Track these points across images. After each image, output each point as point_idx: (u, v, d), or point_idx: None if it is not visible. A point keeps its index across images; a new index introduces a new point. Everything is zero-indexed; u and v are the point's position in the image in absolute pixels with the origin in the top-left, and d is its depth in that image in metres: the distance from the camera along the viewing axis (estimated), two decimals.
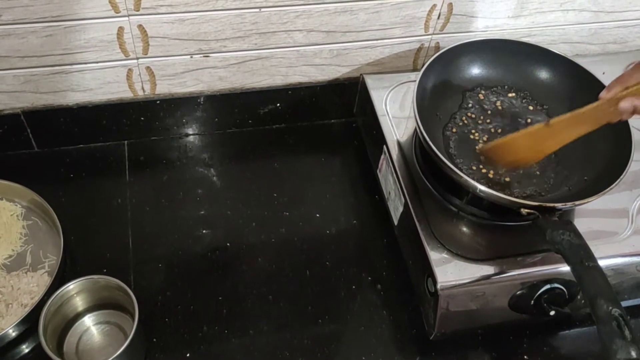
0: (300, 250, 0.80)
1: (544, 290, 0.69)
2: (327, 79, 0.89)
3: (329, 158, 0.90)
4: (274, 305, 0.75)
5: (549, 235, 0.63)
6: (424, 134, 0.69)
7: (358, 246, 0.81)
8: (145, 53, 0.78)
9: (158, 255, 0.77)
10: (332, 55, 0.85)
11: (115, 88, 0.81)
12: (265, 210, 0.83)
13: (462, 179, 0.67)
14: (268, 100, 0.89)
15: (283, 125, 0.93)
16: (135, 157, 0.87)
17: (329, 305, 0.75)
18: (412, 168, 0.76)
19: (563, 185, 0.73)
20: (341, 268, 0.78)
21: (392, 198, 0.79)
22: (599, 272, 0.58)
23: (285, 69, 0.85)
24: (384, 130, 0.81)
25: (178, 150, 0.88)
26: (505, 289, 0.69)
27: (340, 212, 0.84)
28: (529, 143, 0.68)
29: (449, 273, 0.67)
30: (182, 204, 0.83)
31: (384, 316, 0.75)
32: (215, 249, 0.79)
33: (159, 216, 0.81)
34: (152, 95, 0.84)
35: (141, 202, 0.82)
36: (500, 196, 0.66)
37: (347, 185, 0.87)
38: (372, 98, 0.84)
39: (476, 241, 0.71)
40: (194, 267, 0.77)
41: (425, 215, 0.72)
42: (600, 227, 0.73)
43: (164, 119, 0.87)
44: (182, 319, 0.73)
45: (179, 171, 0.86)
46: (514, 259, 0.69)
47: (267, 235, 0.80)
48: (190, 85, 0.84)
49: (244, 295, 0.75)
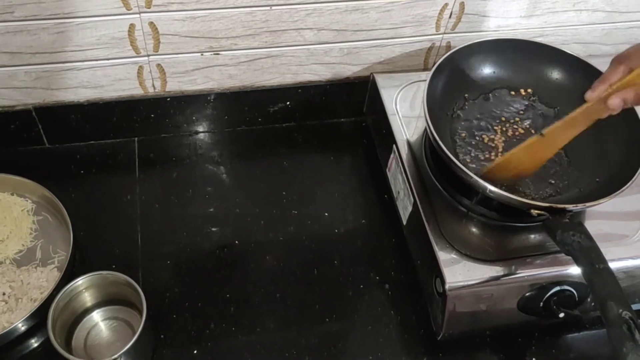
0: (308, 248, 0.80)
1: (554, 292, 0.68)
2: (337, 78, 0.89)
3: (339, 157, 0.90)
4: (282, 303, 0.75)
5: (559, 236, 0.62)
6: (434, 134, 0.69)
7: (366, 245, 0.81)
8: (156, 50, 0.78)
9: (166, 252, 0.78)
10: (342, 54, 0.85)
11: (125, 85, 0.82)
12: (274, 209, 0.83)
13: (472, 180, 0.66)
14: (278, 99, 0.89)
15: (293, 124, 0.93)
16: (145, 154, 0.87)
17: (336, 304, 0.75)
18: (421, 168, 0.76)
19: (574, 186, 0.73)
20: (349, 267, 0.78)
21: (401, 197, 0.79)
22: (610, 274, 0.57)
23: (295, 67, 0.85)
24: (394, 129, 0.80)
25: (188, 147, 0.89)
26: (514, 291, 0.68)
27: (349, 211, 0.84)
28: (527, 156, 0.69)
29: (458, 273, 0.67)
30: (191, 201, 0.83)
31: (392, 316, 0.75)
32: (224, 246, 0.79)
33: (168, 213, 0.81)
34: (163, 93, 0.84)
35: (150, 199, 0.82)
36: (510, 197, 0.65)
37: (356, 184, 0.87)
38: (382, 97, 0.84)
39: (485, 242, 0.70)
40: (202, 265, 0.77)
41: (435, 215, 0.72)
42: (611, 229, 0.73)
43: (174, 117, 0.87)
44: (190, 315, 0.73)
45: (189, 168, 0.86)
46: (523, 260, 0.69)
47: (275, 234, 0.80)
48: (201, 83, 0.84)
49: (252, 292, 0.75)
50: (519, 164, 0.69)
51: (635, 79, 0.57)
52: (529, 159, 0.69)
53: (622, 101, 0.58)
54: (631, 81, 0.58)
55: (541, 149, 0.67)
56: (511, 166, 0.70)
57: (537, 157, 0.69)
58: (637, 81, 0.57)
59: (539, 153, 0.68)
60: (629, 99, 0.58)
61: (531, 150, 0.67)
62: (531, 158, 0.69)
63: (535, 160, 0.69)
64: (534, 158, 0.69)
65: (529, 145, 0.67)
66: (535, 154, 0.68)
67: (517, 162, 0.69)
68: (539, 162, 0.70)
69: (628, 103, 0.58)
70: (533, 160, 0.69)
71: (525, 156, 0.68)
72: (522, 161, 0.69)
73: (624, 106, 0.59)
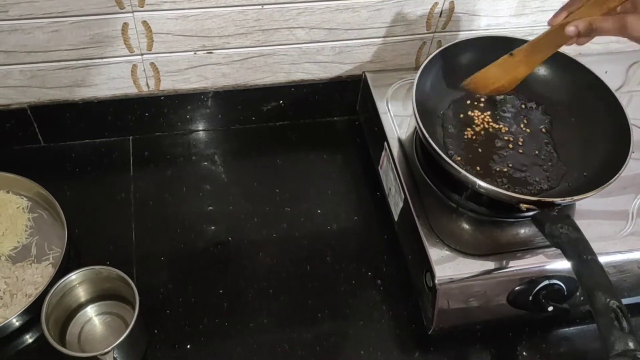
0: (301, 245, 0.80)
1: (543, 286, 0.69)
2: (330, 77, 0.89)
3: (331, 155, 0.90)
4: (274, 299, 0.75)
5: (547, 229, 0.63)
6: (423, 131, 0.69)
7: (359, 242, 0.81)
8: (150, 49, 0.79)
9: (160, 249, 0.78)
10: (334, 53, 0.86)
11: (120, 84, 0.82)
12: (267, 206, 0.83)
13: (461, 175, 0.67)
14: (271, 97, 0.89)
15: (286, 122, 0.93)
16: (140, 153, 0.88)
17: (328, 300, 0.75)
18: (412, 165, 0.77)
19: (563, 181, 0.73)
20: (341, 263, 0.79)
21: (392, 194, 0.79)
22: (597, 265, 0.58)
23: (288, 66, 0.86)
24: (385, 127, 0.81)
25: (182, 146, 0.89)
26: (504, 285, 0.69)
27: (342, 208, 0.84)
28: (501, 72, 0.73)
29: (448, 268, 0.67)
30: (185, 199, 0.83)
31: (384, 311, 0.75)
32: (217, 243, 0.79)
33: (162, 211, 0.82)
34: (157, 91, 0.85)
35: (145, 196, 0.83)
36: (499, 191, 0.66)
37: (349, 182, 0.87)
38: (374, 96, 0.85)
39: (475, 237, 0.71)
40: (195, 261, 0.77)
41: (425, 210, 0.72)
42: (600, 225, 0.73)
43: (168, 115, 0.88)
44: (184, 311, 0.73)
45: (183, 167, 0.87)
46: (512, 255, 0.69)
47: (268, 231, 0.81)
48: (194, 82, 0.85)
49: (245, 289, 0.76)
50: (496, 80, 0.74)
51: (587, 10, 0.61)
52: (504, 76, 0.74)
53: (576, 29, 0.61)
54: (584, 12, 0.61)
55: (513, 67, 0.72)
56: (489, 81, 0.75)
57: (510, 75, 0.73)
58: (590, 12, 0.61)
59: (511, 71, 0.73)
60: (582, 27, 0.60)
61: (503, 67, 0.73)
62: (505, 75, 0.73)
63: (510, 78, 0.74)
64: (507, 76, 0.73)
65: (501, 63, 0.73)
66: (508, 71, 0.73)
67: (494, 78, 0.74)
68: (514, 80, 0.74)
69: (581, 32, 0.61)
70: (507, 77, 0.74)
71: (499, 72, 0.73)
72: (498, 77, 0.74)
73: (579, 35, 0.61)
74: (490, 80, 0.75)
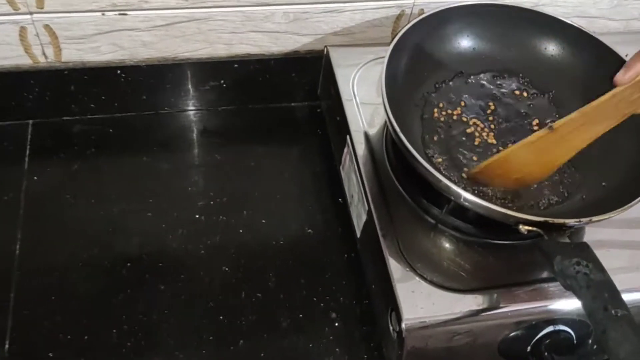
0: (236, 266, 0.65)
1: (546, 333, 0.55)
2: (283, 51, 0.74)
3: (285, 149, 0.76)
4: (195, 337, 0.60)
5: (557, 265, 0.47)
6: (392, 122, 0.55)
7: (310, 262, 0.67)
8: (41, 6, 0.62)
9: (51, 267, 0.63)
10: (287, 20, 0.70)
11: (6, 52, 0.66)
12: (197, 213, 0.68)
13: (442, 184, 0.52)
14: (209, 76, 0.74)
15: (230, 107, 0.78)
16: (40, 141, 0.72)
17: (266, 339, 0.61)
18: (381, 167, 0.62)
19: (575, 193, 0.59)
20: (287, 290, 0.64)
21: (354, 203, 0.64)
22: (632, 325, 0.42)
23: (228, 35, 0.70)
24: (349, 117, 0.66)
25: (94, 133, 0.73)
26: (494, 330, 0.56)
27: (293, 217, 0.70)
28: (532, 156, 0.54)
29: (420, 307, 0.53)
30: (92, 201, 0.68)
31: (337, 355, 0.60)
32: (127, 261, 0.64)
33: (60, 216, 0.66)
34: (58, 64, 0.69)
35: (39, 197, 0.67)
36: (490, 207, 0.51)
37: (305, 184, 0.73)
38: (337, 77, 0.70)
39: (458, 264, 0.57)
40: (95, 285, 0.62)
41: (394, 227, 0.58)
42: (620, 247, 0.59)
43: (76, 95, 0.72)
44: (72, 353, 0.57)
45: (93, 160, 0.71)
46: (507, 290, 0.56)
47: (195, 245, 0.66)
48: (107, 52, 0.68)
49: (157, 324, 0.60)
50: (522, 165, 0.55)
51: None
52: (535, 161, 0.54)
53: None
54: None
55: (550, 148, 0.53)
56: (511, 168, 0.55)
57: (546, 158, 0.54)
58: None
59: (547, 154, 0.54)
60: None
61: (536, 148, 0.53)
62: (538, 159, 0.54)
63: (543, 163, 0.55)
64: (541, 159, 0.54)
65: (534, 142, 0.53)
66: (542, 154, 0.54)
67: (519, 163, 0.54)
68: (549, 166, 0.56)
69: None
70: (540, 162, 0.54)
71: (529, 156, 0.54)
72: (525, 162, 0.54)
73: None
74: (513, 165, 0.55)
